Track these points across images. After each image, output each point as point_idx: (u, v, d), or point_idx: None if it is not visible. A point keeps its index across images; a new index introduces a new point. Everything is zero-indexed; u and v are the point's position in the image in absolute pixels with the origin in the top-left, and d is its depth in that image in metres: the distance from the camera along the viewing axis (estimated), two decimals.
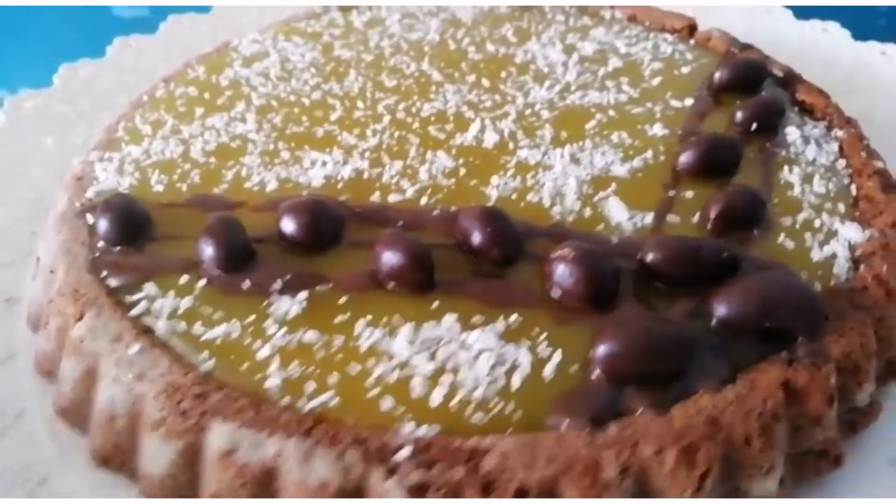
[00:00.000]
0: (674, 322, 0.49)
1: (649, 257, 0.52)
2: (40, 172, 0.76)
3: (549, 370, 0.47)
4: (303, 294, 0.52)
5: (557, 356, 0.48)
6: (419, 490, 0.41)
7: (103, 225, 0.57)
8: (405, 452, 0.43)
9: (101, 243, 0.57)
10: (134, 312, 0.52)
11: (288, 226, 0.56)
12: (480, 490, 0.41)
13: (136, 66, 0.92)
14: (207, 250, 0.54)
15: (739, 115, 0.70)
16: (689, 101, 0.73)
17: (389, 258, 0.52)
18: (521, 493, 0.42)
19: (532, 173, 0.63)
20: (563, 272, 0.51)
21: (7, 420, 0.54)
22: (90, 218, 0.59)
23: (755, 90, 0.75)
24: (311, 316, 0.51)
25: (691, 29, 0.88)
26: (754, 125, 0.69)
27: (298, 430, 0.44)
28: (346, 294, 0.52)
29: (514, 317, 0.50)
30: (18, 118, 0.82)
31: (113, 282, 0.54)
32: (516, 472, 0.42)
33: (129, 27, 0.99)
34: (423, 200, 0.61)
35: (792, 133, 0.69)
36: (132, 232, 0.57)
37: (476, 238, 0.54)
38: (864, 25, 1.00)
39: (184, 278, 0.54)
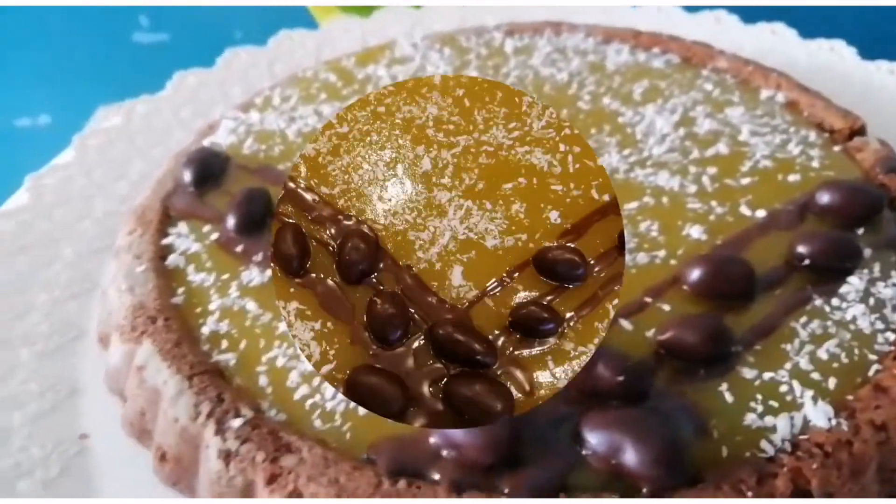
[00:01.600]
0: (530, 422, 0.49)
1: None
2: (138, 174, 0.84)
3: None
4: (270, 272, 0.62)
5: None
6: (225, 456, 0.50)
7: (185, 169, 0.73)
8: (237, 422, 0.51)
9: (183, 183, 0.73)
10: (163, 241, 0.67)
11: None
12: (265, 479, 0.48)
13: (244, 78, 1.00)
14: (229, 212, 0.67)
15: (799, 247, 0.61)
16: (760, 213, 0.66)
17: None
18: (293, 496, 0.48)
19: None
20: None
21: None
22: None
23: (863, 223, 0.65)
24: (262, 290, 0.61)
25: (852, 133, 0.77)
26: (807, 261, 0.60)
27: (187, 371, 0.55)
28: None
29: None
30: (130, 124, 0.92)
31: (170, 213, 0.70)
32: (298, 478, 0.48)
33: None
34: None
35: (853, 283, 0.59)
36: (200, 181, 0.72)
37: None
38: None
39: (206, 227, 0.67)
